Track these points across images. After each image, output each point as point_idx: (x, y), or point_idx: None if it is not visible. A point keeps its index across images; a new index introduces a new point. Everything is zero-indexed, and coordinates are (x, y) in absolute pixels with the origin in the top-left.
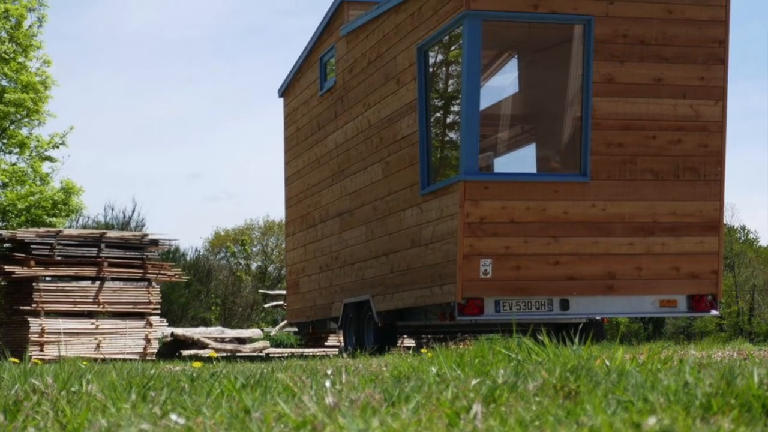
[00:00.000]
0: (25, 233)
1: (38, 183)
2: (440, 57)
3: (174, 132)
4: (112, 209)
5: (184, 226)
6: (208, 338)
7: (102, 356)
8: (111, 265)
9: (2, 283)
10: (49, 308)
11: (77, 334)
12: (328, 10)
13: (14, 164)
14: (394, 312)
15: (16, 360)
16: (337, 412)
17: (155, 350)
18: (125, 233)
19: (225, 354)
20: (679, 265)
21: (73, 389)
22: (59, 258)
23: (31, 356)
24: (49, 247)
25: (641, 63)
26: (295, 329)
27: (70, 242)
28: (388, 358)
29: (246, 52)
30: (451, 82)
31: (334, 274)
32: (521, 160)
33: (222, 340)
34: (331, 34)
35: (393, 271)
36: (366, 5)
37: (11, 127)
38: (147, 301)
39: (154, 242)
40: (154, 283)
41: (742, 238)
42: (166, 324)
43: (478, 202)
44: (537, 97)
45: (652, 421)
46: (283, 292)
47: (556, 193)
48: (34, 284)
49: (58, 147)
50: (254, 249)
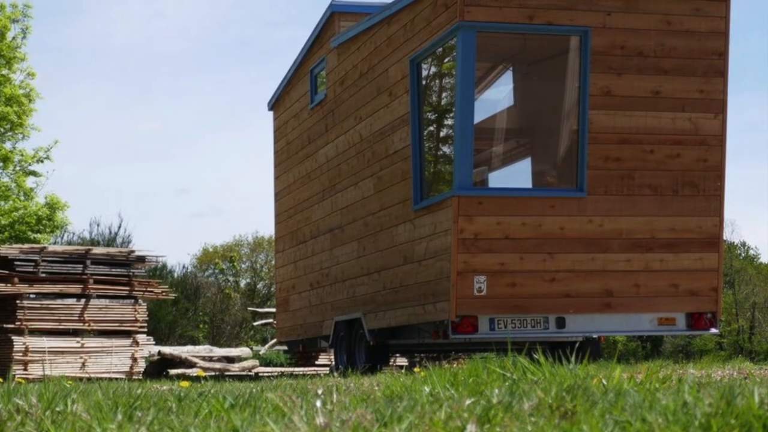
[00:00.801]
0: (9, 249)
1: (22, 198)
2: (433, 69)
3: (161, 146)
4: (98, 225)
5: (172, 242)
6: (196, 357)
7: (87, 375)
8: (97, 282)
9: None
10: (33, 326)
11: (62, 352)
12: (319, 21)
13: None
14: (386, 330)
15: (0, 379)
16: None
17: (142, 369)
18: (111, 250)
19: (213, 373)
20: (677, 282)
21: (57, 409)
22: (44, 275)
23: (14, 375)
24: (33, 263)
25: (639, 75)
26: (285, 348)
27: (54, 259)
28: (380, 377)
29: (234, 65)
30: (444, 94)
31: (324, 292)
32: (516, 175)
33: (210, 359)
34: (321, 46)
35: (385, 289)
36: (357, 16)
37: None
38: (133, 319)
39: (141, 259)
40: (140, 301)
41: (743, 255)
42: (153, 342)
43: (472, 218)
44: (532, 110)
45: None
46: (273, 310)
47: (552, 208)
48: (18, 302)
49: (42, 161)
50: (243, 266)
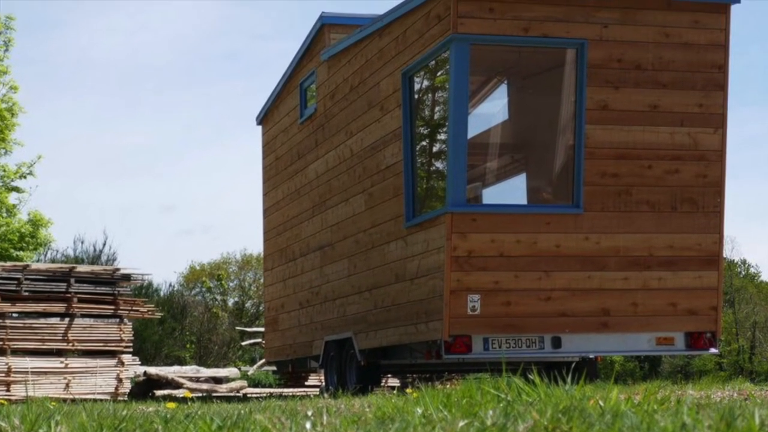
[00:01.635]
0: None
1: (4, 215)
2: (426, 83)
3: (146, 161)
4: (82, 242)
5: (158, 260)
6: (183, 378)
7: (71, 396)
8: (81, 300)
9: None
10: (16, 346)
11: (45, 373)
12: (308, 33)
13: None
14: (377, 350)
15: None
16: None
17: (127, 390)
18: (96, 268)
19: (200, 394)
20: (676, 300)
21: (41, 431)
22: (27, 293)
23: None
24: (16, 282)
25: (637, 89)
26: (274, 368)
27: (38, 277)
28: (372, 398)
29: (222, 78)
30: (437, 109)
31: (314, 311)
32: (511, 191)
33: (197, 380)
34: (311, 59)
35: (376, 308)
36: (348, 28)
37: None
38: (119, 338)
39: (126, 277)
40: (126, 320)
41: (743, 273)
42: (139, 363)
43: (465, 235)
44: (528, 124)
45: None
46: (262, 330)
47: (547, 225)
48: (0, 321)
49: (25, 177)
50: (231, 284)
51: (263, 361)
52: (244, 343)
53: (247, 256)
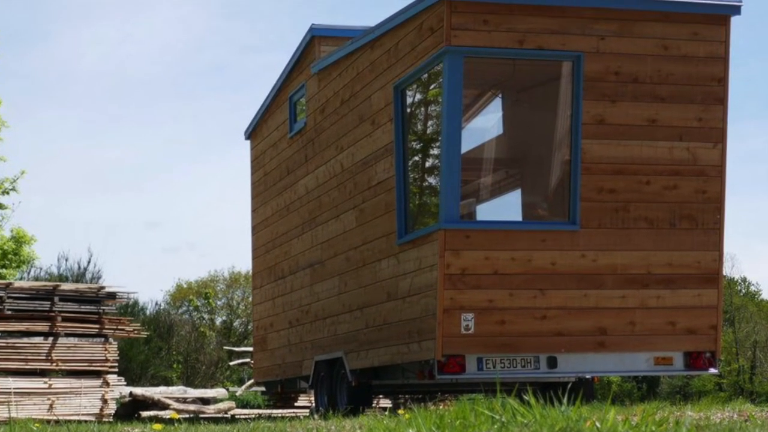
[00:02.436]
0: None
1: None
2: (419, 96)
3: (132, 177)
4: (66, 260)
5: (144, 278)
6: (170, 398)
7: (55, 418)
8: (65, 319)
9: None
10: None
11: (29, 393)
12: (298, 46)
13: None
14: (369, 370)
15: None
16: None
17: (112, 411)
18: (80, 286)
19: (187, 415)
20: (675, 319)
21: None
22: (9, 312)
23: None
24: None
25: (634, 103)
26: (263, 389)
27: (21, 295)
28: (363, 419)
29: (210, 91)
30: (430, 123)
31: (304, 330)
32: (506, 207)
33: (184, 401)
34: (301, 72)
35: (368, 327)
36: (339, 41)
37: None
38: (104, 358)
39: (112, 295)
40: (111, 339)
41: (743, 291)
42: (124, 383)
43: (459, 252)
44: (522, 139)
45: None
46: (250, 349)
47: (543, 242)
48: None
49: (8, 193)
50: (219, 303)
51: (252, 381)
52: (232, 363)
53: (235, 273)
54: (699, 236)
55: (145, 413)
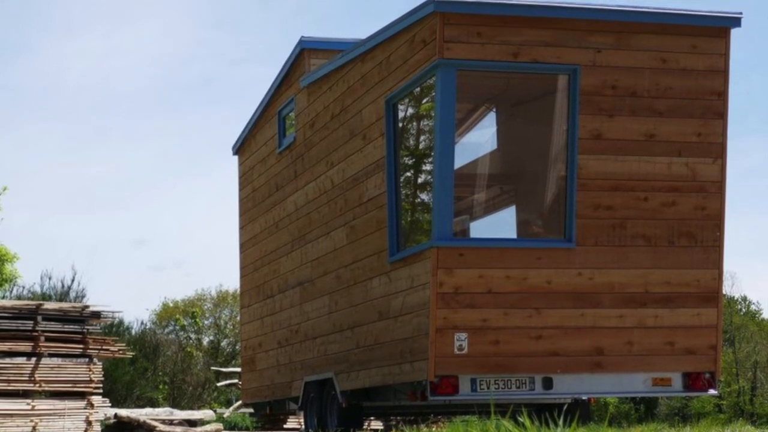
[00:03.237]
0: None
1: None
2: (411, 110)
3: (117, 193)
4: (50, 278)
5: (129, 296)
6: (156, 420)
7: None
8: (48, 339)
9: None
10: None
11: (11, 415)
12: (287, 58)
13: None
14: (359, 391)
15: None
16: None
17: None
18: (64, 305)
19: None
20: (673, 339)
21: None
22: None
23: None
24: None
25: (632, 117)
26: (251, 410)
27: (3, 314)
28: None
29: (196, 105)
30: (422, 138)
31: (293, 350)
32: (500, 224)
33: (170, 423)
34: (290, 86)
35: (359, 347)
36: (329, 53)
37: None
38: (88, 379)
39: (96, 314)
40: (95, 360)
41: (743, 310)
42: (109, 404)
43: (452, 271)
44: (517, 154)
45: None
46: (238, 370)
47: (538, 260)
48: None
49: None
50: (206, 322)
51: (240, 402)
52: (219, 384)
53: (222, 292)
54: (698, 254)
55: None
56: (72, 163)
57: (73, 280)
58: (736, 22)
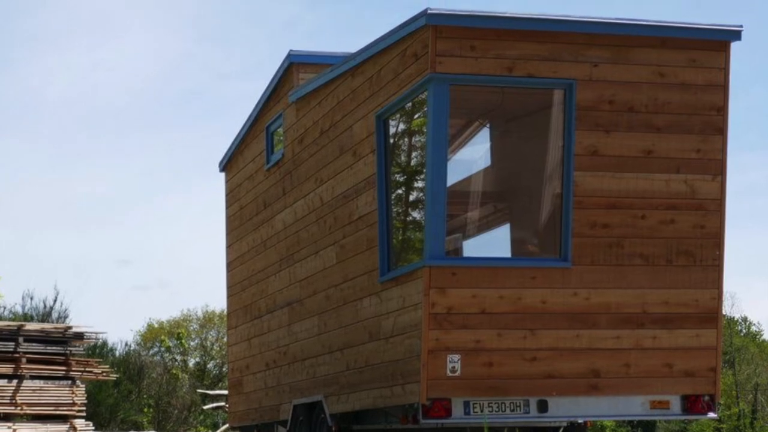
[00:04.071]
0: None
1: None
2: (402, 126)
3: (101, 211)
4: (32, 298)
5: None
6: None
7: None
8: (30, 361)
9: None
10: None
11: None
12: (275, 73)
13: None
14: (350, 414)
15: None
16: None
17: None
18: (46, 325)
19: None
20: (672, 361)
21: None
22: None
23: None
24: None
25: (629, 133)
26: None
27: None
28: None
29: (182, 121)
30: (414, 154)
31: (282, 372)
32: (494, 243)
33: None
34: (278, 101)
35: (349, 369)
36: (318, 68)
37: None
38: (71, 401)
39: (79, 336)
40: (78, 382)
41: (744, 331)
42: (93, 428)
43: (444, 291)
44: (511, 171)
45: None
46: (225, 392)
47: (533, 279)
48: None
49: None
50: (192, 343)
51: (226, 426)
52: (206, 407)
53: (209, 313)
54: (697, 273)
55: None
56: (56, 181)
57: (55, 301)
58: (736, 35)
